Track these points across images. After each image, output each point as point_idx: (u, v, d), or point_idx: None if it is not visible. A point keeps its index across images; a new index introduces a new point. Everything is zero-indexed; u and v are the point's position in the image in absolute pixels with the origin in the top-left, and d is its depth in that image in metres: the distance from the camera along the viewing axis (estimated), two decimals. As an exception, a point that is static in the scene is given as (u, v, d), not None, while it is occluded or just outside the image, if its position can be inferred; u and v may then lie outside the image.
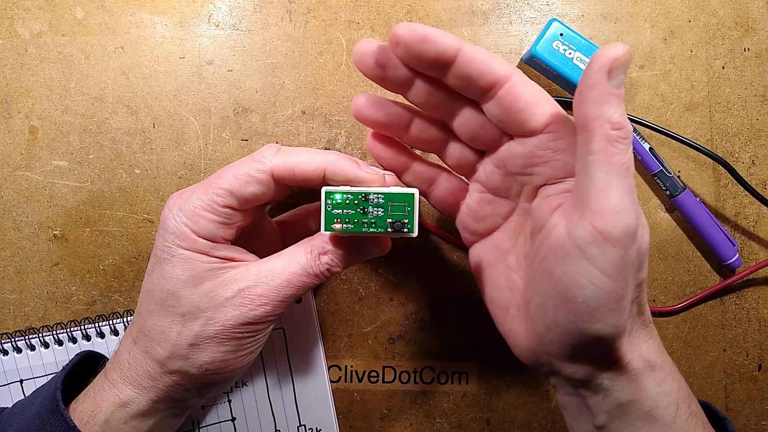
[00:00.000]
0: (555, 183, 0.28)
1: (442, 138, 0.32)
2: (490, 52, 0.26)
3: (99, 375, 0.33)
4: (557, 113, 0.27)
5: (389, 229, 0.29)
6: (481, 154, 0.32)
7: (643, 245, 0.26)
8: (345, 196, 0.28)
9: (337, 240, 0.31)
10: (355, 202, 0.28)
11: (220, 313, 0.30)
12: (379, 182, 0.30)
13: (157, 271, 0.30)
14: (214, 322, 0.30)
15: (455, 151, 0.32)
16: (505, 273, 0.31)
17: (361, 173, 0.30)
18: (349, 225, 0.29)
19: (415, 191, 0.28)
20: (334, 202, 0.28)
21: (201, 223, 0.30)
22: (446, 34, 0.25)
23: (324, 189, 0.29)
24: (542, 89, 0.27)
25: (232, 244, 0.32)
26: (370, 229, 0.29)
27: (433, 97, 0.29)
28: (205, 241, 0.30)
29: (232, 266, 0.31)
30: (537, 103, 0.26)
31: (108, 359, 0.35)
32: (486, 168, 0.31)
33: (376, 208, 0.29)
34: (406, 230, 0.29)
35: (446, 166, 0.34)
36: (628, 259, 0.24)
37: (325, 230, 0.29)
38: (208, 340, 0.30)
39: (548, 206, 0.28)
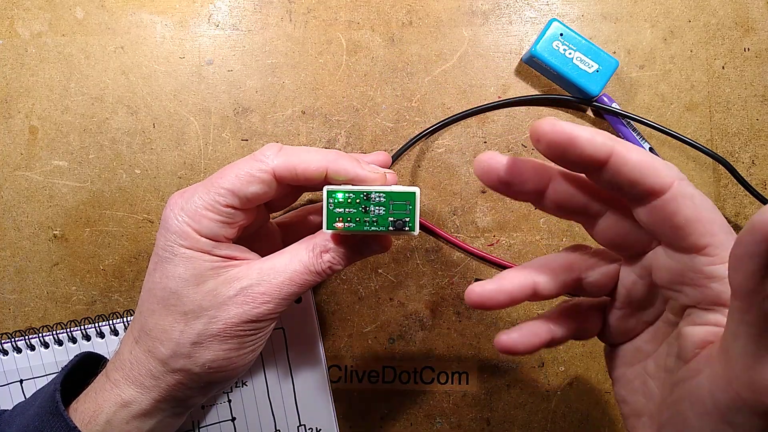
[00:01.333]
0: (704, 309, 0.24)
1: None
2: (648, 156, 0.23)
3: (100, 375, 0.33)
4: (719, 237, 0.23)
5: (391, 228, 0.29)
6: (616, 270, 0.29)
7: None
8: (347, 195, 0.28)
9: (339, 238, 0.31)
10: (357, 200, 0.29)
11: (223, 312, 0.30)
12: (381, 181, 0.30)
13: (158, 270, 0.30)
14: (216, 321, 0.30)
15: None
16: (641, 376, 0.28)
17: (362, 172, 0.30)
18: (350, 224, 0.29)
19: (416, 190, 0.29)
20: (336, 201, 0.29)
21: (203, 223, 0.30)
22: (598, 134, 0.22)
23: (326, 188, 0.29)
24: (710, 203, 0.23)
25: (233, 243, 0.32)
26: (372, 228, 0.29)
27: (567, 205, 0.26)
28: (207, 240, 0.30)
29: (234, 265, 0.31)
30: (698, 221, 0.23)
31: (108, 360, 0.35)
32: (626, 280, 0.27)
33: (377, 207, 0.29)
34: (407, 229, 0.29)
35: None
36: None
37: (327, 229, 0.29)
38: (211, 338, 0.30)
39: (694, 340, 0.24)
